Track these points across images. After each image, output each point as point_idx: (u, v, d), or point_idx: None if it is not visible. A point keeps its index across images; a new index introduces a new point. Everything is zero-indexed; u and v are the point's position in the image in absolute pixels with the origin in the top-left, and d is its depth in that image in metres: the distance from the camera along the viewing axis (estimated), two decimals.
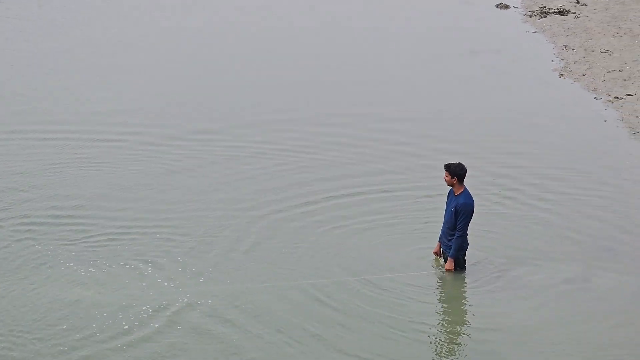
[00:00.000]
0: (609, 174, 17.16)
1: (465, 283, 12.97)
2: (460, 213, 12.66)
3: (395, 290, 12.75)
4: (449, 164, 12.78)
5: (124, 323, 11.86)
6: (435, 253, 13.37)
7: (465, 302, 12.73)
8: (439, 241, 13.25)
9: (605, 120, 20.19)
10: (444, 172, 12.82)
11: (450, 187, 12.92)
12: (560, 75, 23.86)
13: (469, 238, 12.96)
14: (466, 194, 12.75)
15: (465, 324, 12.23)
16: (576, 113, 20.87)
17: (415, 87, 23.09)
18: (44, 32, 28.00)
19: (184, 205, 15.51)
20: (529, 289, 12.92)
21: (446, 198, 13.13)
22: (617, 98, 21.43)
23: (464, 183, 12.81)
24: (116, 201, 15.54)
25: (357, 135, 19.18)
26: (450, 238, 12.92)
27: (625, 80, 22.62)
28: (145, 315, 12.03)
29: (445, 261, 13.18)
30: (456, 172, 12.68)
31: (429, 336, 11.81)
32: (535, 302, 12.63)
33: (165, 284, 12.87)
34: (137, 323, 11.87)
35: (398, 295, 12.63)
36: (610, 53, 24.91)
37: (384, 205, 15.62)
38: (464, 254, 13.05)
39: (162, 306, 12.26)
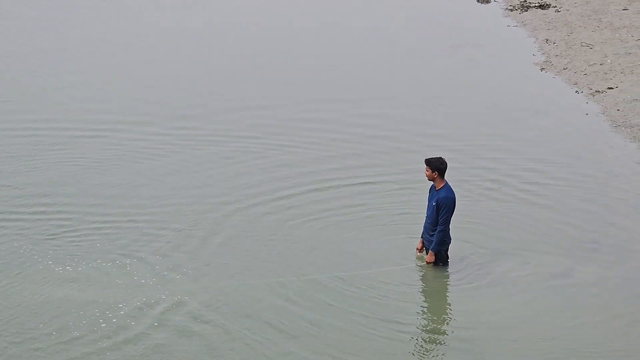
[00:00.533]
0: (591, 167, 17.09)
1: (448, 278, 12.84)
2: (441, 207, 12.54)
3: (374, 287, 12.59)
4: (429, 158, 12.66)
5: (101, 321, 11.63)
6: (419, 250, 13.22)
7: (448, 298, 12.61)
8: (422, 237, 13.11)
9: (587, 114, 20.13)
10: (424, 167, 12.68)
11: (432, 182, 12.79)
12: (542, 69, 23.80)
13: (451, 232, 12.83)
14: (447, 188, 12.62)
15: (448, 320, 12.09)
16: (558, 107, 20.81)
17: (395, 82, 22.97)
18: (36, 29, 27.89)
19: (161, 199, 15.35)
20: (513, 284, 12.81)
21: (427, 194, 13.00)
22: (599, 91, 21.38)
23: (445, 177, 12.67)
24: (87, 196, 15.37)
25: (336, 128, 19.11)
26: (432, 233, 12.80)
27: (606, 73, 22.58)
28: (122, 314, 11.81)
29: None
30: (437, 166, 12.56)
31: (409, 334, 11.66)
32: (519, 297, 12.52)
33: (139, 280, 12.68)
34: (114, 320, 11.66)
35: (378, 293, 12.47)
36: (591, 47, 24.87)
37: (361, 197, 15.55)
38: (447, 249, 12.92)
39: (138, 304, 12.05)
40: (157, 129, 18.95)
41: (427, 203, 12.98)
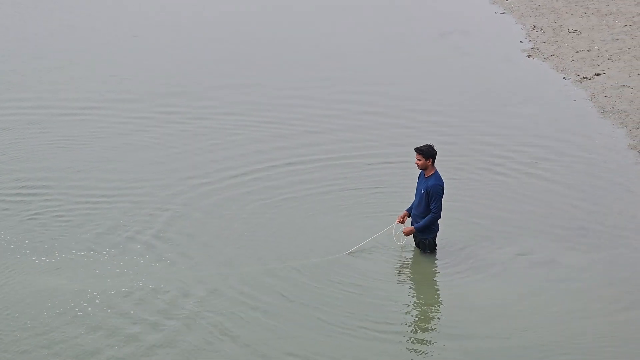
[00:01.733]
0: (578, 153, 17.15)
1: (436, 265, 12.89)
2: (432, 195, 12.58)
3: (359, 275, 12.61)
4: (420, 147, 12.64)
5: (77, 310, 11.56)
6: (400, 220, 13.04)
7: (435, 285, 12.64)
8: (407, 211, 13.11)
9: (575, 100, 20.20)
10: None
11: (421, 171, 12.80)
12: (529, 55, 23.86)
13: (441, 222, 12.89)
14: (437, 175, 12.66)
15: (435, 307, 12.12)
16: (545, 93, 20.87)
17: (383, 68, 23.00)
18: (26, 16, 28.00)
19: (137, 178, 15.66)
20: (500, 270, 12.85)
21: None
22: (586, 78, 21.45)
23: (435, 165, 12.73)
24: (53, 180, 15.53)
25: (320, 112, 19.42)
26: (419, 221, 12.83)
27: (593, 60, 22.65)
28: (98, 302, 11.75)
29: (418, 246, 13.10)
30: (430, 153, 12.57)
31: (397, 321, 11.69)
32: (506, 283, 12.55)
33: (104, 268, 12.64)
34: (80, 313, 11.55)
35: (364, 281, 12.49)
36: (579, 33, 24.93)
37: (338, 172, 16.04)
38: (434, 237, 12.97)
39: (112, 293, 11.98)
40: (134, 106, 19.49)
41: (415, 188, 13.00)
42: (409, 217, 13.03)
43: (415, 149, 12.66)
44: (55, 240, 13.32)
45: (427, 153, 12.55)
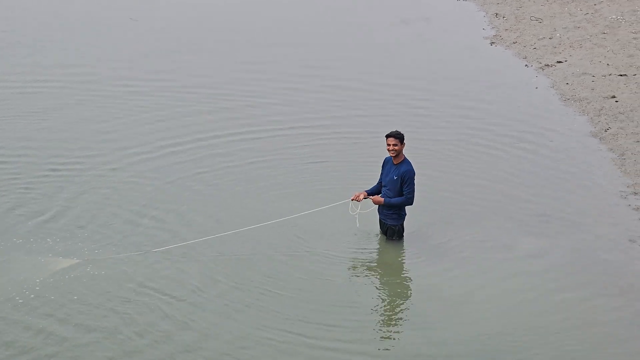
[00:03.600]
0: (540, 140, 17.20)
1: (403, 252, 12.84)
2: (406, 180, 12.49)
3: (324, 262, 12.53)
4: (392, 132, 12.48)
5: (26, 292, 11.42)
6: (356, 197, 12.82)
7: (401, 272, 12.61)
8: (379, 211, 12.99)
9: (537, 88, 20.24)
10: (385, 142, 12.56)
11: (388, 158, 12.67)
12: (492, 43, 23.88)
13: (407, 208, 12.81)
14: (407, 161, 12.60)
15: (401, 295, 12.10)
16: (508, 80, 20.89)
17: (344, 56, 22.88)
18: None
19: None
20: (464, 257, 12.85)
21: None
22: (548, 65, 21.51)
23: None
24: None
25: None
26: (390, 210, 12.72)
27: (555, 47, 22.71)
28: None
29: (385, 233, 13.00)
30: (403, 138, 12.47)
31: (363, 308, 11.63)
32: (470, 270, 12.54)
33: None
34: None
35: (329, 268, 12.42)
36: (541, 20, 24.99)
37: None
38: (402, 224, 12.88)
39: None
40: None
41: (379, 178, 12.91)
42: (365, 198, 12.83)
43: (391, 134, 12.46)
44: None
45: (402, 137, 12.44)
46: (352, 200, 12.82)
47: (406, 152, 12.70)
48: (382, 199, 12.68)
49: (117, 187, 14.60)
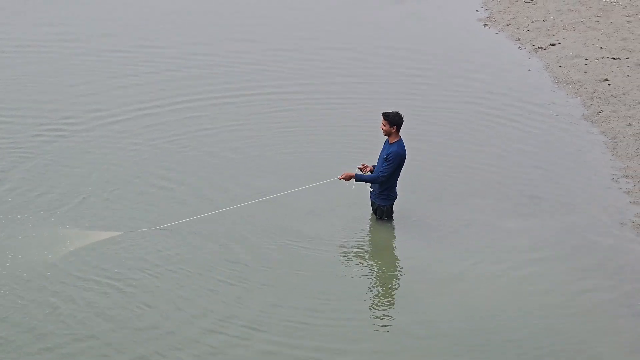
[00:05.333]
0: (532, 123, 17.19)
1: (393, 233, 12.84)
2: (389, 160, 12.45)
3: (315, 247, 12.51)
4: (387, 112, 12.48)
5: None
6: (346, 177, 12.70)
7: (394, 253, 12.64)
8: (370, 193, 12.95)
9: (530, 70, 20.21)
10: (380, 120, 12.53)
11: (386, 137, 12.66)
12: (485, 25, 23.81)
13: (397, 189, 12.78)
14: (400, 144, 12.53)
15: (389, 276, 12.10)
16: (501, 62, 20.85)
17: (336, 34, 22.78)
18: None
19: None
20: (454, 237, 12.86)
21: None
22: (541, 48, 21.47)
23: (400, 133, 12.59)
24: None
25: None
26: (379, 190, 12.70)
27: (548, 30, 22.67)
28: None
29: (375, 212, 12.99)
30: (395, 120, 12.43)
31: (356, 290, 11.63)
32: (459, 251, 12.55)
33: None
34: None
35: (321, 250, 12.40)
36: (534, 3, 24.93)
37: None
38: (392, 204, 12.87)
39: None
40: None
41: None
42: (353, 177, 12.72)
43: (383, 114, 12.50)
44: None
45: (392, 119, 12.42)
46: (340, 179, 12.78)
47: (401, 133, 12.64)
48: (354, 174, 12.64)
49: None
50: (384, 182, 12.58)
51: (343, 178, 12.64)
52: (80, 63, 19.56)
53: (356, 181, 12.64)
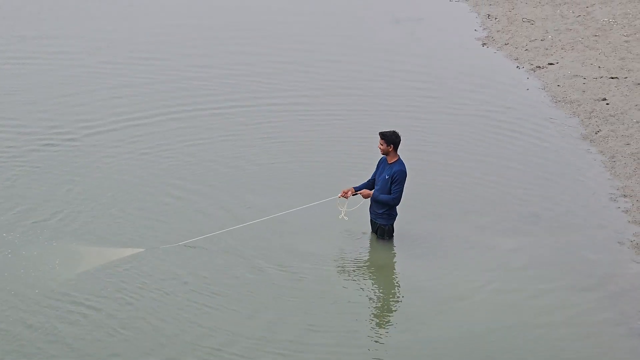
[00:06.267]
0: (531, 141, 17.26)
1: (393, 251, 12.87)
2: (396, 180, 12.49)
3: (316, 262, 12.55)
4: (384, 132, 12.52)
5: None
6: (344, 194, 12.82)
7: (391, 272, 12.66)
8: (370, 211, 12.99)
9: (528, 89, 20.29)
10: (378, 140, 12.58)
11: (383, 156, 12.70)
12: (483, 44, 23.92)
13: (398, 208, 12.83)
14: (400, 162, 12.58)
15: (389, 294, 12.14)
16: (499, 82, 20.93)
17: (333, 55, 22.87)
18: None
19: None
20: (455, 256, 12.90)
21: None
22: (539, 67, 21.57)
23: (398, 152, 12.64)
24: None
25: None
26: (381, 210, 12.73)
27: (547, 49, 22.77)
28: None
29: (376, 232, 13.02)
30: (392, 140, 12.48)
31: (355, 307, 11.66)
32: (460, 270, 12.59)
33: None
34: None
35: (320, 268, 12.44)
36: (533, 22, 25.06)
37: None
38: (392, 224, 12.90)
39: None
40: None
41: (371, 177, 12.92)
42: (354, 194, 12.82)
43: (380, 133, 12.55)
44: None
45: (389, 139, 12.47)
46: (340, 197, 12.82)
47: (400, 151, 12.70)
48: (371, 192, 12.69)
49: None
50: (397, 203, 12.64)
51: (363, 195, 12.72)
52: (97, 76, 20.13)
53: (373, 200, 12.71)
